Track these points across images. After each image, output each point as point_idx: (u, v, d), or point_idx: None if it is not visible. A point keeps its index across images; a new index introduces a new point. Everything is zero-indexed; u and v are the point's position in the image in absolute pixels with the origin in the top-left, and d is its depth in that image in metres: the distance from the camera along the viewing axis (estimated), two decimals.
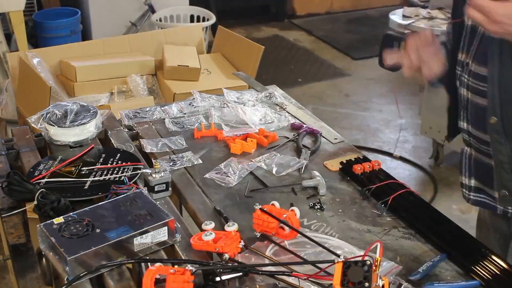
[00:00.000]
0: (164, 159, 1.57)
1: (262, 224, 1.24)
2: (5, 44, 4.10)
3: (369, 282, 0.95)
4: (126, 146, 1.62)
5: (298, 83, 4.81)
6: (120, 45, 3.24)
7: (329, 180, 1.50)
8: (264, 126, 1.74)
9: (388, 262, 1.18)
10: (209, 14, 4.90)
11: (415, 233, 1.29)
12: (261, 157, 1.59)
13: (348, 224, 1.33)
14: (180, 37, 3.35)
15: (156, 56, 3.19)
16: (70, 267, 1.09)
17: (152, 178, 1.39)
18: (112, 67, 3.05)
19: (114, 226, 1.19)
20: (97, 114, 1.68)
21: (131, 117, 1.82)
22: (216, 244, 1.18)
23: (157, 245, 1.21)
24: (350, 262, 0.99)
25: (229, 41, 3.26)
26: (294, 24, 6.14)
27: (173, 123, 1.78)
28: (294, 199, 1.42)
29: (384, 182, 1.45)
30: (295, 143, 1.67)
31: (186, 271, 1.06)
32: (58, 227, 1.18)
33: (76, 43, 3.47)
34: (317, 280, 1.09)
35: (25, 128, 1.73)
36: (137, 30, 4.95)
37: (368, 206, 1.40)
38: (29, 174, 1.44)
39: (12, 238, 1.29)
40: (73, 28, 4.74)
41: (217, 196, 1.43)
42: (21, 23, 4.12)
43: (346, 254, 1.10)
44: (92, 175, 1.44)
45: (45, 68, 2.92)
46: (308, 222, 1.33)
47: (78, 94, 2.96)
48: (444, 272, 1.17)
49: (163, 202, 1.38)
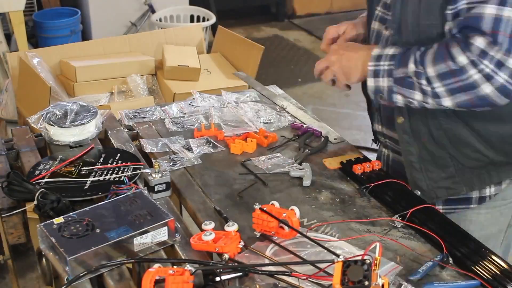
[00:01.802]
0: (164, 159, 1.57)
1: (262, 223, 1.24)
2: (5, 44, 4.10)
3: (369, 280, 0.95)
4: (126, 146, 1.62)
5: (298, 83, 4.81)
6: (120, 45, 3.24)
7: (329, 179, 1.50)
8: (264, 126, 1.74)
9: (388, 262, 1.18)
10: (209, 14, 4.90)
11: (415, 233, 1.29)
12: (261, 157, 1.60)
13: (348, 224, 1.33)
14: (180, 37, 3.35)
15: (156, 56, 3.19)
16: (70, 267, 1.09)
17: (152, 178, 1.39)
18: (112, 67, 3.05)
19: (114, 226, 1.19)
20: (97, 114, 1.68)
21: (131, 117, 1.82)
22: (216, 244, 1.18)
23: (157, 245, 1.21)
24: (350, 261, 0.99)
25: (229, 41, 3.26)
26: (294, 24, 6.15)
27: (173, 123, 1.78)
28: (294, 199, 1.42)
29: (382, 180, 1.45)
30: (297, 143, 1.67)
31: (186, 271, 1.06)
32: (58, 227, 1.18)
33: (76, 43, 3.47)
34: (317, 280, 1.09)
35: (25, 128, 1.73)
36: (137, 30, 4.95)
37: (368, 206, 1.40)
38: (29, 174, 1.45)
39: (12, 238, 1.29)
40: (73, 28, 4.74)
41: (217, 196, 1.43)
42: (21, 23, 4.12)
43: (346, 254, 1.10)
44: (92, 175, 1.44)
45: (45, 68, 2.92)
46: (308, 222, 1.33)
47: (78, 94, 2.96)
48: (444, 272, 1.17)
49: (163, 202, 1.38)
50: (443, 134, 1.47)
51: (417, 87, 1.38)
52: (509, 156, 1.50)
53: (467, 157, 1.49)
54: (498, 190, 1.54)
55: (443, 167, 1.51)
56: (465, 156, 1.49)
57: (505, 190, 1.55)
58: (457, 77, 1.32)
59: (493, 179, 1.52)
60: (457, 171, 1.50)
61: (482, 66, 1.29)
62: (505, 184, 1.55)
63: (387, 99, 1.43)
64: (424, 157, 1.50)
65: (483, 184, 1.52)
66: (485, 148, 1.47)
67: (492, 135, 1.47)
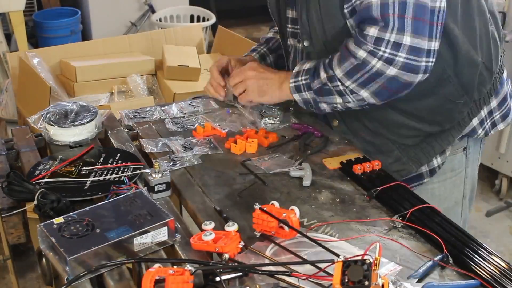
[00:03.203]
0: (164, 159, 1.57)
1: (262, 223, 1.24)
2: (5, 44, 4.11)
3: (369, 280, 0.96)
4: (126, 146, 1.62)
5: None
6: (120, 45, 3.25)
7: (329, 179, 1.50)
8: (264, 126, 1.75)
9: (388, 262, 1.18)
10: (209, 14, 4.90)
11: (415, 233, 1.29)
12: (261, 157, 1.60)
13: (348, 224, 1.33)
14: (180, 37, 3.35)
15: (156, 56, 3.20)
16: (70, 267, 1.09)
17: (152, 178, 1.39)
18: (112, 67, 3.05)
19: (114, 226, 1.19)
20: (97, 114, 1.68)
21: (131, 117, 1.82)
22: (216, 244, 1.18)
23: (157, 245, 1.21)
24: (350, 261, 0.99)
25: (229, 41, 3.26)
26: None
27: (173, 123, 1.78)
28: (294, 199, 1.42)
29: (388, 184, 1.45)
30: (298, 143, 1.67)
31: (186, 271, 1.06)
32: (58, 227, 1.18)
33: (76, 43, 3.48)
34: (317, 280, 1.09)
35: (25, 128, 1.73)
36: (137, 30, 4.95)
37: (368, 206, 1.40)
38: (29, 174, 1.45)
39: (12, 238, 1.29)
40: (73, 28, 4.74)
41: (217, 196, 1.43)
42: (21, 23, 4.13)
43: (346, 254, 1.10)
44: (92, 175, 1.44)
45: (45, 68, 2.93)
46: (308, 222, 1.33)
47: (78, 94, 2.97)
48: (444, 272, 1.17)
49: (163, 202, 1.38)
50: (377, 124, 1.59)
51: (334, 91, 1.50)
52: (442, 124, 1.60)
53: (405, 137, 1.60)
54: (444, 158, 1.65)
55: (388, 153, 1.62)
56: (404, 136, 1.60)
57: (451, 159, 1.66)
58: (362, 70, 1.43)
59: (436, 149, 1.62)
60: (401, 152, 1.61)
61: (380, 53, 1.39)
62: (449, 151, 1.65)
63: (316, 109, 1.59)
64: (368, 149, 1.61)
65: (428, 156, 1.62)
66: (418, 124, 1.58)
67: (421, 111, 1.57)
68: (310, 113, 1.73)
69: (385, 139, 1.60)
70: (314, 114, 1.82)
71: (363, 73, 1.43)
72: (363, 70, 1.43)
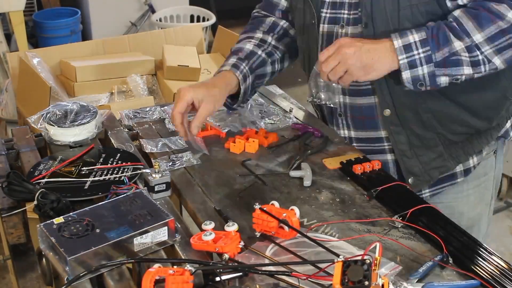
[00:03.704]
0: (164, 159, 1.57)
1: (262, 223, 1.24)
2: (5, 44, 4.11)
3: (369, 280, 0.95)
4: (126, 146, 1.62)
5: (298, 83, 4.81)
6: (120, 45, 3.25)
7: (329, 179, 1.50)
8: (264, 126, 1.75)
9: (388, 262, 1.18)
10: (209, 14, 4.90)
11: (415, 233, 1.29)
12: (261, 157, 1.60)
13: (348, 224, 1.33)
14: (180, 37, 3.36)
15: (156, 56, 3.19)
16: (70, 267, 1.09)
17: (152, 178, 1.39)
18: (112, 67, 3.05)
19: (114, 226, 1.19)
20: (97, 114, 1.68)
21: (131, 117, 1.82)
22: (216, 244, 1.18)
23: (157, 245, 1.21)
24: (350, 261, 0.99)
25: (229, 41, 3.25)
26: None
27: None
28: (294, 199, 1.42)
29: (388, 184, 1.45)
30: (298, 143, 1.67)
31: (186, 271, 1.06)
32: (58, 227, 1.18)
33: (76, 43, 3.48)
34: (317, 280, 1.09)
35: (25, 128, 1.73)
36: (137, 30, 4.95)
37: (368, 206, 1.40)
38: (29, 174, 1.45)
39: (12, 238, 1.29)
40: (73, 28, 4.74)
41: (217, 196, 1.43)
42: (21, 23, 4.13)
43: (346, 254, 1.10)
44: (92, 175, 1.44)
45: (45, 68, 2.93)
46: (308, 222, 1.33)
47: (78, 94, 2.97)
48: (444, 272, 1.17)
49: (163, 202, 1.38)
50: (431, 116, 1.54)
51: (465, 62, 1.39)
52: (491, 120, 1.58)
53: (454, 133, 1.56)
54: (480, 159, 1.63)
55: (433, 148, 1.58)
56: (453, 132, 1.56)
57: (485, 159, 1.64)
58: (509, 34, 1.36)
59: (475, 148, 1.60)
60: (445, 148, 1.57)
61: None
62: (485, 151, 1.63)
63: (430, 84, 1.41)
64: (414, 142, 1.57)
65: (467, 155, 1.60)
66: (471, 119, 1.54)
67: (477, 105, 1.54)
68: (310, 113, 1.73)
69: (433, 132, 1.55)
70: (315, 114, 1.80)
71: (509, 37, 1.36)
72: (510, 35, 1.36)
